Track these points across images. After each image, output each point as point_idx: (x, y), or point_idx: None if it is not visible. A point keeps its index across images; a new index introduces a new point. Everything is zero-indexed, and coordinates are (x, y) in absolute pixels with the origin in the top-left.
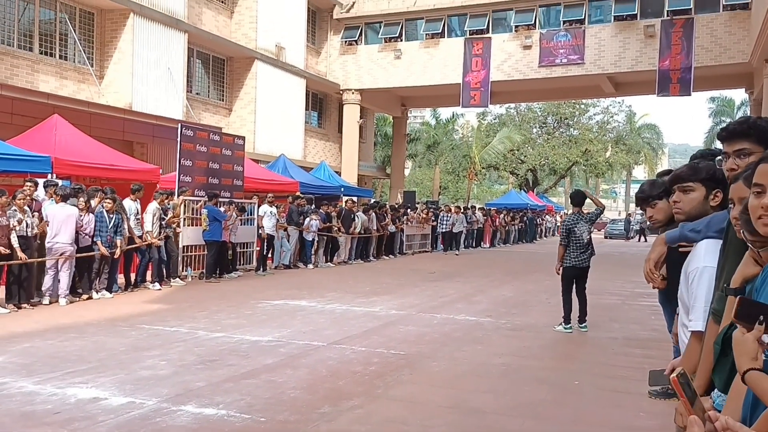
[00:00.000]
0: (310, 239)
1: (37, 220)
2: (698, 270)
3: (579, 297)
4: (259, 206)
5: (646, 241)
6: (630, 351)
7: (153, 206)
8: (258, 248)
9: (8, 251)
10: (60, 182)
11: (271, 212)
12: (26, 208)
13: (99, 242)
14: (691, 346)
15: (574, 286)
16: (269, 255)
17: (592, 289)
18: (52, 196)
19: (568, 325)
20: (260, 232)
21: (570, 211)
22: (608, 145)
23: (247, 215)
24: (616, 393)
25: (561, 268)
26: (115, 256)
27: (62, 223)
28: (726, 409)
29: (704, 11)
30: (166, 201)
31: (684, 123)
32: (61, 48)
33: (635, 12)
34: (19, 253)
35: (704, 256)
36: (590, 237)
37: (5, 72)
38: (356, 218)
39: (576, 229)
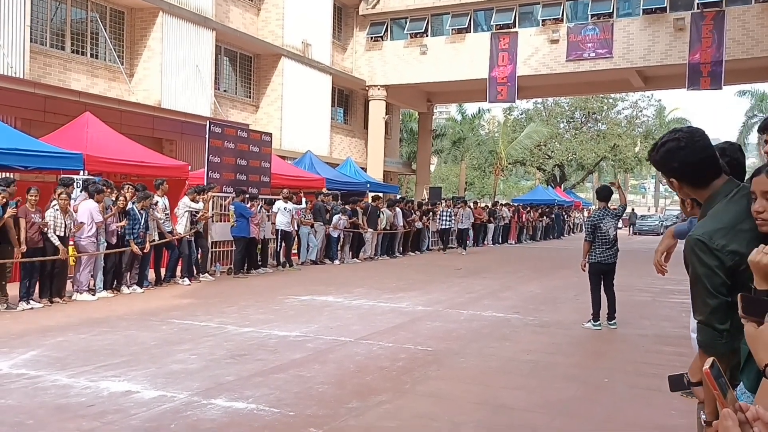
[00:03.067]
0: (336, 235)
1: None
2: None
3: (607, 294)
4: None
5: None
6: (661, 348)
7: (185, 201)
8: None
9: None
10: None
11: (285, 208)
12: (69, 208)
13: (131, 240)
14: None
15: (602, 282)
16: (296, 251)
17: (621, 286)
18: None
19: (597, 322)
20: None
21: (595, 207)
22: (637, 140)
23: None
24: (648, 391)
25: (587, 265)
26: (144, 251)
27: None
28: (757, 401)
29: (735, 3)
30: (198, 198)
31: (715, 117)
32: (92, 47)
33: (665, 5)
34: (60, 245)
35: None
36: (616, 233)
37: (38, 71)
38: (381, 214)
39: (602, 224)
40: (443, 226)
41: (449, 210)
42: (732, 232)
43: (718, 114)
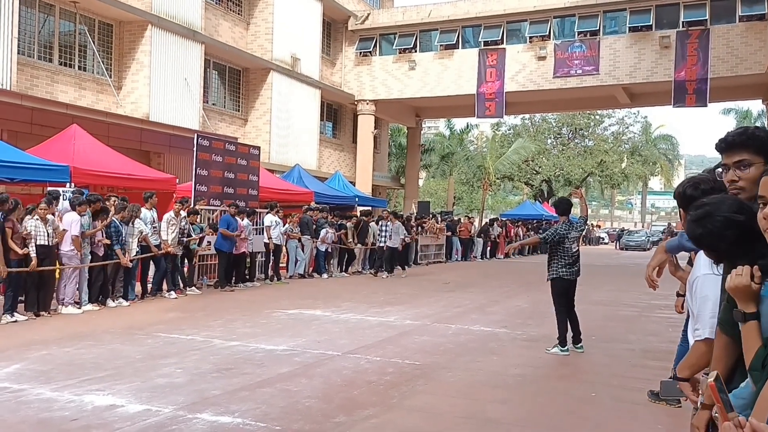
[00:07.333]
0: (324, 249)
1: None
2: (699, 279)
3: (570, 315)
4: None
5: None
6: (647, 363)
7: (169, 216)
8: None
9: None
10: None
11: (275, 221)
12: (48, 217)
13: (118, 250)
14: (696, 350)
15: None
16: (284, 265)
17: (608, 300)
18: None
19: (565, 348)
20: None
21: (561, 221)
22: (624, 156)
23: (257, 225)
24: (634, 405)
25: (513, 252)
26: (123, 263)
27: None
28: (754, 415)
29: (720, 22)
30: (183, 211)
31: (700, 134)
32: (80, 59)
33: (650, 23)
34: (33, 263)
35: (703, 266)
36: (578, 250)
37: (25, 83)
38: (369, 229)
39: (567, 239)
40: (381, 243)
41: (387, 223)
42: None
43: (703, 131)
